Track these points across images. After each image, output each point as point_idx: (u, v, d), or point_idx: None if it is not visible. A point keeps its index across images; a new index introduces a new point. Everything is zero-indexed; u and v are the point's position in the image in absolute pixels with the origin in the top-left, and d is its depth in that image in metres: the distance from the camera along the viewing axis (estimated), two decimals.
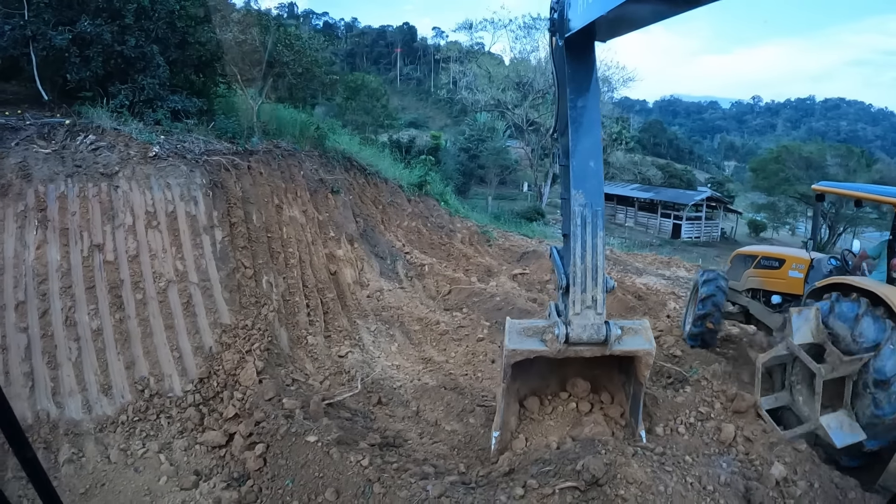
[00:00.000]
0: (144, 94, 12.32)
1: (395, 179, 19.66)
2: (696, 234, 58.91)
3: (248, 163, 12.21)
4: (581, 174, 6.85)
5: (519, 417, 7.58)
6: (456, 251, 18.08)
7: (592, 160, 6.92)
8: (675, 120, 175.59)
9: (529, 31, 49.67)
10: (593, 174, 6.89)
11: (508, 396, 7.22)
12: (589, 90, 7.13)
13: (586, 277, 6.65)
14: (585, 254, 6.70)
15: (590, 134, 7.03)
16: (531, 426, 7.52)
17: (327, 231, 13.60)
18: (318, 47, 19.21)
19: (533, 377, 7.65)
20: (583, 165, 6.86)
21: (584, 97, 7.08)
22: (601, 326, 6.58)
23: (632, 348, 6.79)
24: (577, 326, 6.53)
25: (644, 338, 6.85)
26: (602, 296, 6.70)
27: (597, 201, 6.81)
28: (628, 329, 6.91)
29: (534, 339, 6.71)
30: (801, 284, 9.16)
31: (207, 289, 9.43)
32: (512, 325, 6.91)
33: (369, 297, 12.80)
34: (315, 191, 14.21)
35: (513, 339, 6.68)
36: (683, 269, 21.09)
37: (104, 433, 7.96)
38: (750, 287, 10.47)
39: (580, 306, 6.59)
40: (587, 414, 7.73)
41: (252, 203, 11.32)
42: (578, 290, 6.63)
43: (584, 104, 7.08)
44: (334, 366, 9.83)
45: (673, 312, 14.29)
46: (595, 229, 6.73)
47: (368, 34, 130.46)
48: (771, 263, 10.10)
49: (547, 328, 6.79)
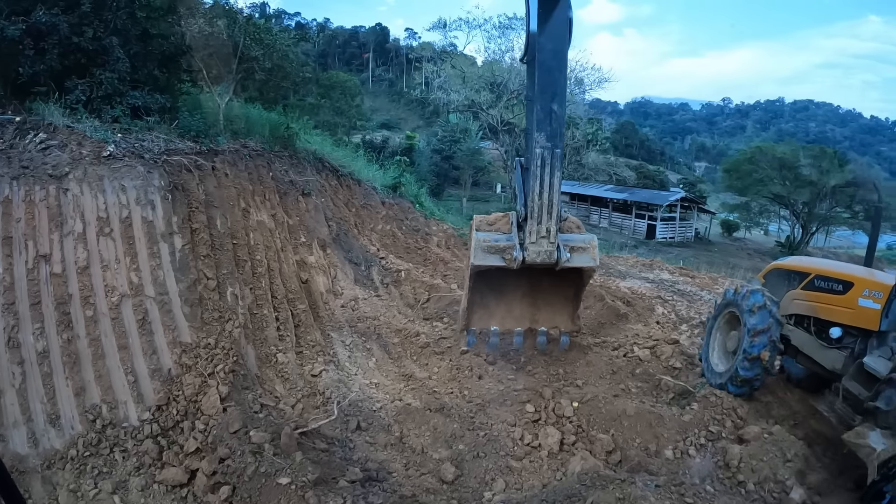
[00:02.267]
0: (102, 89, 11.46)
1: (368, 181, 18.79)
2: (670, 234, 59.10)
3: (213, 163, 11.31)
4: (544, 117, 7.31)
5: (479, 308, 9.26)
6: (433, 255, 17.28)
7: (556, 104, 7.36)
8: (647, 121, 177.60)
9: (504, 32, 48.91)
10: (556, 118, 7.38)
11: (472, 294, 8.85)
12: (557, 33, 7.40)
13: (542, 212, 7.46)
14: (543, 191, 7.43)
15: (555, 78, 7.44)
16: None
17: (298, 236, 12.71)
18: (289, 42, 18.28)
19: (491, 277, 8.81)
20: (546, 108, 7.30)
21: (553, 40, 7.39)
22: (553, 252, 7.65)
23: (577, 265, 7.98)
24: (532, 252, 7.59)
25: (590, 256, 7.96)
26: (555, 227, 7.61)
27: (556, 143, 7.42)
28: (577, 248, 7.94)
29: (496, 257, 7.79)
30: (876, 317, 7.04)
31: (165, 303, 8.51)
32: (478, 239, 7.91)
33: (343, 306, 11.92)
34: (285, 193, 13.32)
35: (478, 256, 7.80)
36: (666, 272, 20.51)
37: (52, 470, 7.05)
38: (794, 312, 8.38)
39: (536, 236, 7.55)
40: (572, 445, 7.72)
41: (216, 207, 10.40)
42: (535, 222, 7.50)
43: (553, 47, 7.42)
44: (307, 386, 8.94)
45: (662, 318, 13.74)
46: (553, 169, 7.41)
47: (341, 35, 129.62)
48: (831, 286, 7.88)
49: (507, 247, 7.77)
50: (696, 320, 13.81)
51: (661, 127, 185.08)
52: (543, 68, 7.39)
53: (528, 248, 7.68)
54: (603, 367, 9.79)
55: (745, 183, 57.01)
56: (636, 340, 10.92)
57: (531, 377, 9.68)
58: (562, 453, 7.55)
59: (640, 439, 7.67)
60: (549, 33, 7.34)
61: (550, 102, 7.34)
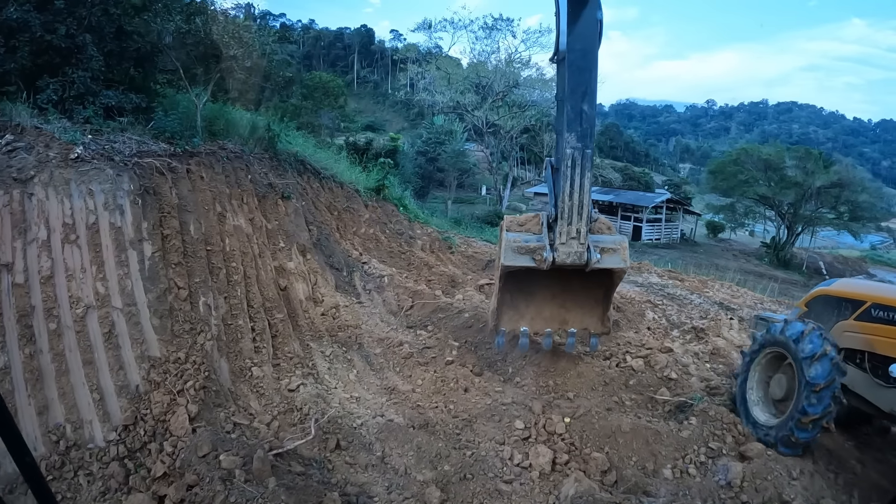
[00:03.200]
0: (75, 88, 11.05)
1: (351, 183, 18.33)
2: (656, 236, 59.39)
3: (188, 165, 10.82)
4: (574, 117, 7.28)
5: (509, 309, 9.11)
6: (417, 260, 16.84)
7: (586, 104, 7.36)
8: (631, 123, 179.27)
9: (490, 33, 48.56)
10: (586, 118, 7.36)
11: (503, 294, 8.76)
12: (587, 33, 7.38)
13: (573, 213, 7.42)
14: (573, 192, 7.39)
15: (585, 78, 7.42)
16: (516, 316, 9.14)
17: (277, 241, 12.23)
18: (269, 41, 17.79)
19: (521, 278, 8.73)
20: (577, 108, 7.29)
21: (582, 41, 7.37)
22: (583, 254, 7.57)
23: (608, 266, 7.86)
24: (562, 253, 7.51)
25: (620, 257, 7.84)
26: (585, 228, 7.53)
27: (587, 143, 7.38)
28: (608, 249, 7.83)
29: (526, 257, 7.69)
30: None
31: (133, 315, 8.00)
32: (508, 240, 7.82)
33: (324, 315, 11.45)
34: (264, 196, 12.83)
35: (508, 257, 7.71)
36: (655, 275, 20.25)
37: (14, 495, 6.52)
38: (845, 346, 7.25)
39: (566, 237, 7.48)
40: (565, 465, 7.37)
41: (190, 211, 9.91)
42: (565, 223, 7.45)
43: (583, 47, 7.39)
44: (284, 402, 8.45)
45: (653, 323, 13.45)
46: (584, 170, 7.36)
47: (326, 36, 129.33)
48: (893, 316, 6.79)
49: (537, 248, 7.68)
50: (688, 325, 13.56)
51: (645, 129, 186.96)
52: (573, 68, 7.37)
53: (558, 249, 7.63)
54: (595, 378, 9.41)
55: (731, 184, 57.45)
56: (628, 349, 10.55)
57: (520, 389, 9.30)
58: (554, 474, 7.11)
59: (637, 457, 7.26)
60: (579, 33, 7.74)
61: (581, 102, 7.31)
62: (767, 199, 56.08)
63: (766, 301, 18.66)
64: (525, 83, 48.69)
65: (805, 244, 60.10)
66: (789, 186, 53.64)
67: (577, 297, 9.39)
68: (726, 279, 23.72)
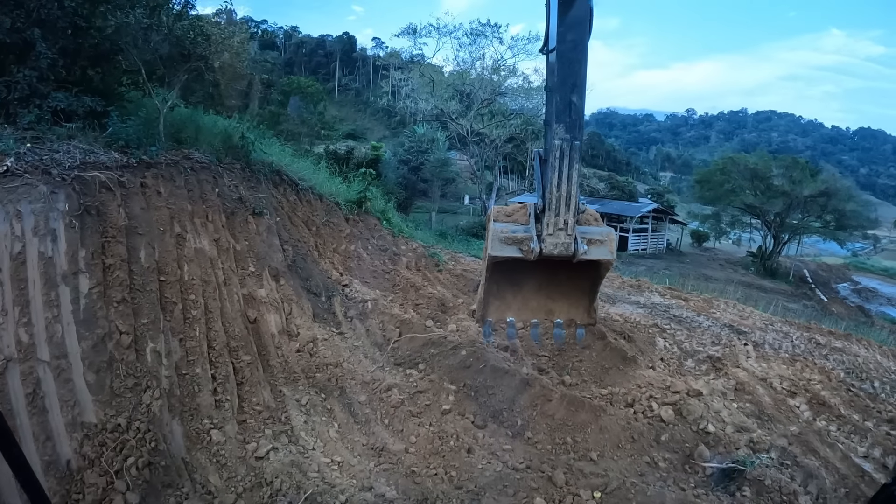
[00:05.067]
0: (19, 89, 9.76)
1: (331, 196, 16.77)
2: (642, 246, 58.90)
3: (143, 179, 9.31)
4: (563, 108, 7.16)
5: (496, 299, 9.12)
6: (403, 280, 15.32)
7: (575, 96, 7.24)
8: (612, 132, 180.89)
9: (476, 39, 47.20)
10: (575, 109, 7.23)
11: (489, 284, 8.75)
12: (577, 24, 7.18)
13: (560, 204, 7.33)
14: (561, 183, 7.31)
15: (575, 69, 7.27)
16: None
17: (246, 265, 10.67)
18: (242, 39, 16.26)
19: (508, 269, 8.66)
20: (566, 99, 7.16)
21: (573, 31, 7.18)
22: (570, 245, 7.53)
23: (595, 258, 7.82)
24: (549, 244, 7.49)
25: (608, 249, 7.80)
26: (573, 220, 7.44)
27: (576, 135, 7.28)
28: (595, 240, 7.74)
29: (513, 248, 7.67)
30: None
31: (63, 370, 6.43)
32: (496, 230, 7.77)
33: (300, 351, 9.87)
34: (233, 213, 11.28)
35: (495, 247, 7.70)
36: (657, 294, 18.97)
37: None
38: None
39: (553, 228, 7.42)
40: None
41: (141, 234, 8.36)
42: (553, 214, 7.38)
43: (573, 38, 7.20)
44: (251, 474, 6.84)
45: (665, 353, 12.31)
46: (571, 161, 7.28)
47: (308, 43, 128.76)
48: None
49: (524, 239, 7.64)
50: (702, 353, 12.51)
51: (626, 137, 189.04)
52: (564, 59, 7.19)
53: (545, 240, 7.61)
54: (620, 433, 7.99)
55: (717, 193, 57.47)
56: (652, 392, 9.17)
57: (532, 448, 7.83)
58: None
59: None
60: (570, 24, 7.84)
61: (570, 94, 7.18)
62: (754, 209, 55.92)
63: (777, 322, 17.50)
64: (511, 91, 47.53)
65: (791, 252, 60.12)
66: (776, 196, 53.69)
67: (563, 289, 9.48)
68: (714, 289, 23.16)
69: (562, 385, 9.47)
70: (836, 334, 16.20)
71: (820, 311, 37.59)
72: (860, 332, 17.96)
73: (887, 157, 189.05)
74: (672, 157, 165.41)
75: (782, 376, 12.21)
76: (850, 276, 65.94)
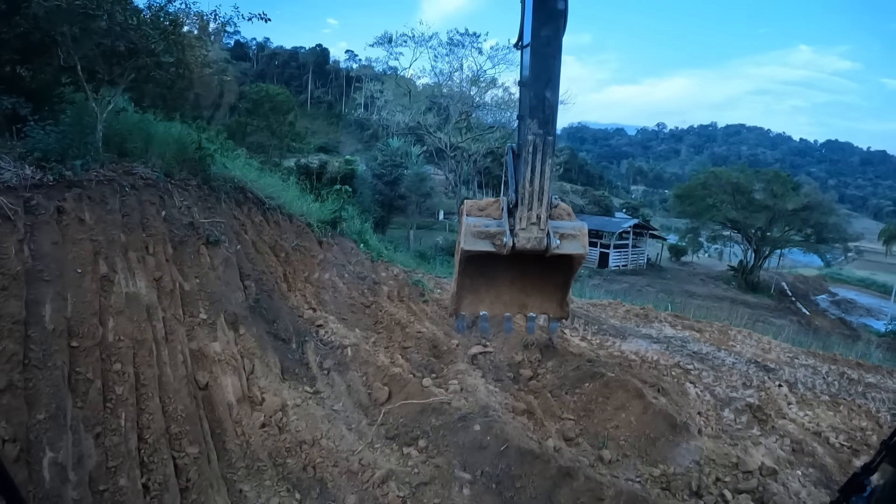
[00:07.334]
0: None
1: (302, 216, 14.55)
2: (623, 262, 57.90)
3: (61, 202, 7.11)
4: (537, 103, 6.03)
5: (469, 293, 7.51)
6: (385, 316, 13.11)
7: (549, 91, 6.14)
8: (583, 146, 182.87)
9: (453, 49, 45.53)
10: (549, 105, 6.12)
11: (462, 279, 7.03)
12: (552, 19, 6.10)
13: (533, 198, 6.22)
14: (534, 178, 6.29)
15: (549, 65, 6.06)
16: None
17: (196, 310, 8.40)
18: (199, 35, 14.07)
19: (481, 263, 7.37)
20: (539, 95, 6.07)
21: (547, 26, 6.01)
22: (543, 239, 6.24)
23: (567, 252, 6.48)
24: (522, 238, 6.28)
25: (580, 243, 6.37)
26: (546, 214, 6.24)
27: (549, 130, 6.14)
28: (567, 235, 6.56)
29: (486, 242, 6.36)
30: None
31: None
32: (468, 224, 6.54)
33: (265, 426, 7.60)
34: (182, 242, 9.02)
35: (468, 241, 6.42)
36: (668, 325, 17.15)
37: None
38: None
39: (526, 222, 6.30)
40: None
41: (48, 281, 6.13)
42: (525, 209, 6.23)
43: (547, 33, 6.02)
44: None
45: (700, 404, 10.72)
46: (544, 156, 6.21)
47: (280, 55, 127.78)
48: None
49: (497, 233, 6.42)
50: (739, 401, 11.04)
51: (597, 151, 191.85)
52: (537, 55, 6.33)
53: (518, 235, 6.35)
54: None
55: (698, 208, 57.31)
56: (717, 473, 7.18)
57: None
58: None
59: None
60: (544, 19, 5.95)
61: (544, 89, 6.23)
62: (736, 223, 55.50)
63: (801, 354, 15.95)
64: (491, 104, 46.05)
65: (773, 264, 60.48)
66: (759, 210, 53.53)
67: (536, 282, 8.48)
68: (702, 307, 22.34)
69: (599, 462, 7.47)
70: (864, 366, 15.22)
71: (806, 327, 36.93)
72: (855, 351, 18.38)
73: (854, 169, 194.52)
74: (644, 171, 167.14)
75: (834, 427, 10.67)
76: (826, 288, 66.43)
